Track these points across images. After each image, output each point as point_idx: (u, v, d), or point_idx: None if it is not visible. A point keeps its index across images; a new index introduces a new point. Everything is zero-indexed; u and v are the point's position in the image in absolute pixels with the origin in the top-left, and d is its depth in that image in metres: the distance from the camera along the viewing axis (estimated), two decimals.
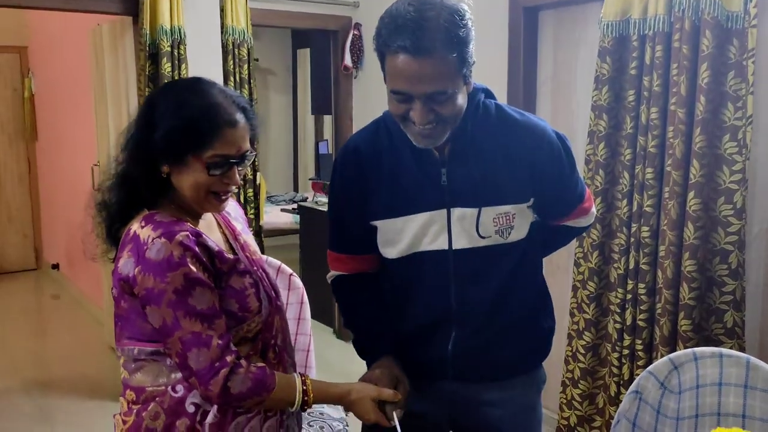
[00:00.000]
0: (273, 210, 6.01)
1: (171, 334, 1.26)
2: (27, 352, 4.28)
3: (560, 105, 2.97)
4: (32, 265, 6.22)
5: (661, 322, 2.32)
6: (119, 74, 3.65)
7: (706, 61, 2.15)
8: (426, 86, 1.30)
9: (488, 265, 1.47)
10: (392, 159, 1.47)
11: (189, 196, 1.33)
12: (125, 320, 1.34)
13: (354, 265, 1.58)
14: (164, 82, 1.34)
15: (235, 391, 1.27)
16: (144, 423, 1.32)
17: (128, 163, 1.34)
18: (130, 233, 1.30)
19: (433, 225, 1.45)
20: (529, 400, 1.60)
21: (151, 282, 1.24)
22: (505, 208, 1.44)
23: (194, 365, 1.26)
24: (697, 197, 2.20)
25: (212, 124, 1.28)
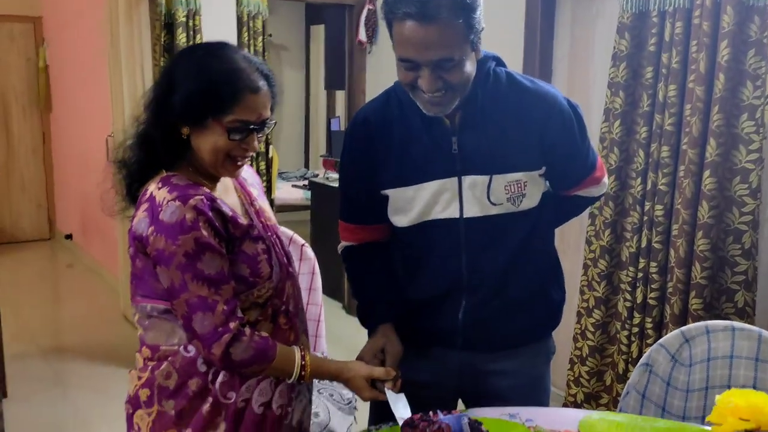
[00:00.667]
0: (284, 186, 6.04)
1: (178, 296, 1.28)
2: (42, 319, 4.34)
3: (576, 82, 2.95)
4: (46, 235, 6.28)
5: (672, 301, 2.32)
6: (134, 44, 3.65)
7: (727, 38, 2.12)
8: (433, 53, 1.30)
9: (499, 234, 1.47)
10: (403, 128, 1.47)
11: (207, 160, 1.33)
12: (139, 279, 1.36)
13: (364, 234, 1.59)
14: (189, 45, 1.32)
15: (237, 358, 1.29)
16: (157, 381, 1.35)
17: (149, 124, 1.35)
18: (147, 193, 1.32)
19: (444, 193, 1.45)
20: (538, 370, 1.61)
21: (162, 243, 1.26)
22: (517, 175, 1.44)
23: (198, 328, 1.28)
24: (712, 176, 2.19)
25: (234, 89, 1.29)
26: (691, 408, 1.55)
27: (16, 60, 5.99)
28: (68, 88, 5.57)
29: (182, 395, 1.34)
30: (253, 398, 1.38)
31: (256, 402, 1.38)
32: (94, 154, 4.63)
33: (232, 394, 1.36)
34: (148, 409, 1.36)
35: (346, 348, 2.10)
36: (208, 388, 1.35)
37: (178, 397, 1.34)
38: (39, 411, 3.13)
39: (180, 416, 1.35)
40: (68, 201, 5.87)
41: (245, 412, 1.37)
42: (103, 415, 3.08)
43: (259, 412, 1.38)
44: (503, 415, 1.41)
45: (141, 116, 1.37)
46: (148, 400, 1.36)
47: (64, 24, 5.43)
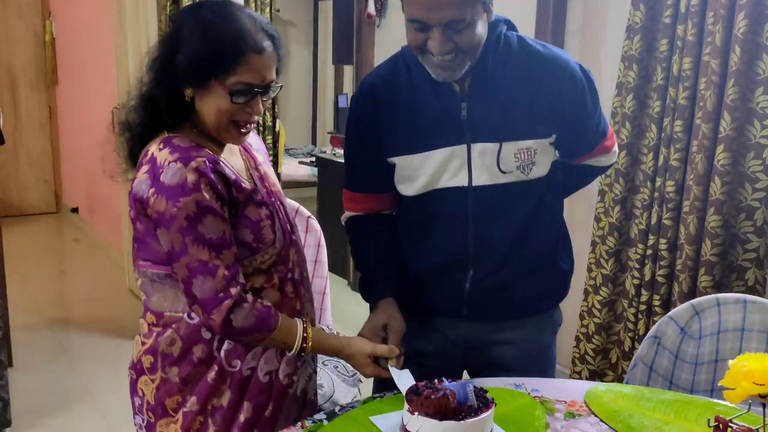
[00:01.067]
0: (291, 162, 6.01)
1: (178, 260, 1.25)
2: (49, 292, 4.36)
3: (588, 55, 2.90)
4: (52, 208, 6.28)
5: (681, 278, 2.29)
6: (140, 16, 3.61)
7: (744, 9, 2.07)
8: (444, 13, 1.27)
9: (508, 203, 1.45)
10: (410, 94, 1.44)
11: (211, 123, 1.30)
12: (141, 242, 1.33)
13: (369, 204, 1.56)
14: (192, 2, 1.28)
15: (238, 325, 1.26)
16: (160, 348, 1.33)
17: (151, 85, 1.32)
18: (148, 154, 1.29)
19: (453, 161, 1.42)
20: (544, 340, 1.59)
21: (163, 205, 1.23)
22: (527, 143, 1.41)
23: (198, 293, 1.25)
24: (726, 151, 2.15)
25: (237, 50, 1.25)
26: (699, 381, 1.53)
27: (23, 34, 5.96)
28: (74, 61, 5.54)
29: (186, 362, 1.33)
30: (259, 366, 1.36)
31: (262, 370, 1.36)
32: (100, 127, 4.60)
33: (237, 362, 1.34)
34: (151, 376, 1.35)
35: (350, 324, 2.09)
36: (213, 355, 1.33)
37: (183, 364, 1.33)
38: (44, 381, 3.14)
39: (184, 383, 1.33)
40: (74, 175, 5.87)
41: (251, 380, 1.35)
42: (107, 386, 3.10)
43: (264, 380, 1.36)
44: (508, 385, 1.40)
45: (144, 77, 1.34)
46: (151, 366, 1.35)
47: None
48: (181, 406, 1.34)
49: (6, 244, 3.03)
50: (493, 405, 1.19)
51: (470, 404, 1.17)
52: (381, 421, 1.26)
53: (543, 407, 1.32)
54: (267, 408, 1.37)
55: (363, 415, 1.29)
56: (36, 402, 2.93)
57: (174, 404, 1.34)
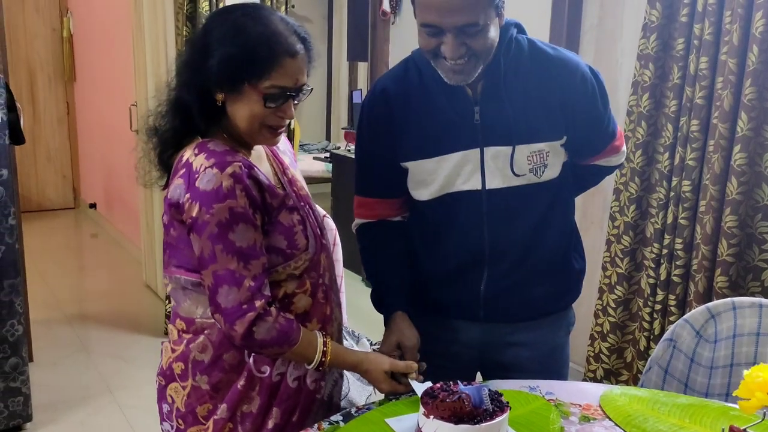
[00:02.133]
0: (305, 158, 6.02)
1: (206, 266, 1.24)
2: (68, 287, 4.41)
3: (604, 53, 2.88)
4: (71, 204, 6.35)
5: (697, 278, 2.29)
6: (157, 13, 3.63)
7: (762, 8, 2.06)
8: (457, 18, 1.27)
9: (521, 205, 1.46)
10: (423, 98, 1.44)
11: (243, 128, 1.29)
12: (174, 248, 1.33)
13: (381, 210, 1.56)
14: (221, 7, 1.27)
15: (259, 338, 1.25)
16: (192, 354, 1.33)
17: (182, 89, 1.31)
18: (183, 160, 1.28)
19: (467, 165, 1.43)
20: (558, 340, 1.60)
21: (196, 210, 1.22)
22: (540, 145, 1.42)
23: (222, 302, 1.24)
24: (743, 151, 2.13)
25: (271, 53, 1.23)
26: (714, 385, 1.53)
27: (42, 30, 6.01)
28: (92, 57, 5.59)
29: (217, 369, 1.32)
30: (288, 372, 1.35)
31: (291, 376, 1.36)
32: (117, 123, 4.65)
33: (266, 368, 1.33)
34: (182, 383, 1.35)
35: (365, 320, 2.10)
36: (243, 361, 1.32)
37: (213, 371, 1.32)
38: (63, 376, 3.19)
39: (215, 390, 1.33)
40: (92, 170, 5.93)
41: (280, 385, 1.35)
42: (125, 380, 3.14)
43: (293, 386, 1.36)
44: (523, 388, 1.41)
45: (172, 82, 1.33)
46: (182, 373, 1.34)
47: None
48: (212, 414, 1.34)
49: (25, 239, 3.07)
50: (508, 408, 1.21)
51: (485, 408, 1.18)
52: (396, 423, 1.28)
53: (558, 410, 1.33)
54: (295, 413, 1.37)
55: (379, 417, 1.30)
56: (56, 397, 2.98)
57: (205, 412, 1.34)
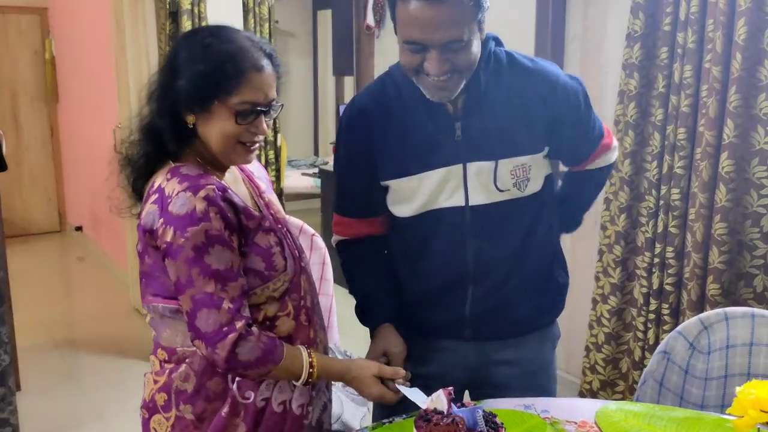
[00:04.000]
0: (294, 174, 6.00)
1: (183, 291, 1.22)
2: (55, 312, 4.36)
3: (589, 63, 2.89)
4: (56, 227, 6.30)
5: (689, 286, 2.28)
6: (139, 34, 3.62)
7: (744, 16, 2.06)
8: (442, 34, 1.25)
9: (505, 221, 1.44)
10: (402, 115, 1.42)
11: (216, 147, 1.28)
12: (149, 276, 1.31)
13: (361, 228, 1.54)
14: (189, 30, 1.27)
15: (243, 359, 1.22)
16: (174, 384, 1.30)
17: (152, 115, 1.30)
18: (155, 185, 1.27)
19: (450, 181, 1.41)
20: (544, 356, 1.58)
21: (170, 235, 1.20)
22: (522, 159, 1.40)
23: (202, 326, 1.21)
24: (730, 158, 2.13)
25: (238, 68, 1.23)
26: (709, 397, 1.52)
27: (23, 52, 5.98)
28: (75, 79, 5.56)
29: (201, 398, 1.30)
30: (273, 396, 1.33)
31: (276, 400, 1.33)
32: (101, 145, 4.62)
33: (250, 394, 1.31)
34: (166, 414, 1.32)
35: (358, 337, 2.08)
36: (227, 388, 1.30)
37: (197, 401, 1.30)
38: (52, 404, 3.13)
39: (200, 420, 1.30)
40: (77, 193, 5.88)
41: (265, 411, 1.33)
42: (116, 407, 3.09)
43: (278, 410, 1.34)
44: (518, 407, 1.39)
45: (144, 110, 1.33)
46: (165, 404, 1.32)
47: (69, 15, 5.41)
48: None
49: (11, 264, 3.03)
50: (502, 430, 1.18)
51: (480, 429, 1.16)
52: None
53: (553, 428, 1.31)
54: None
55: None
56: (45, 426, 2.93)
57: None
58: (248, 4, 3.46)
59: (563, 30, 2.93)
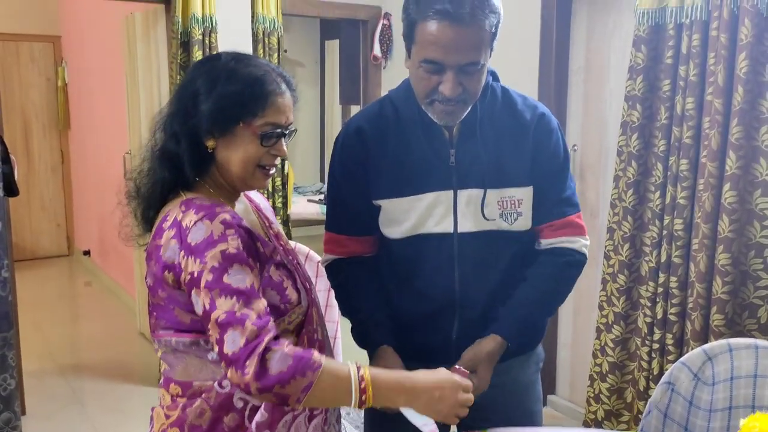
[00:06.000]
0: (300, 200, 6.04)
1: (209, 318, 1.15)
2: (61, 337, 4.37)
3: (592, 94, 2.93)
4: (64, 251, 6.33)
5: (693, 317, 2.28)
6: (151, 62, 3.69)
7: (745, 50, 2.10)
8: (461, 56, 1.29)
9: (491, 252, 1.46)
10: (399, 138, 1.45)
11: (237, 171, 1.27)
12: (162, 309, 1.27)
13: (352, 247, 1.54)
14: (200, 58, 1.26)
15: (275, 371, 1.11)
16: (188, 419, 1.26)
17: (170, 141, 1.28)
18: (170, 219, 1.24)
19: (439, 206, 1.43)
20: (528, 378, 1.59)
21: (192, 265, 1.17)
22: (510, 191, 1.43)
23: (229, 350, 1.13)
24: (732, 189, 2.15)
25: (264, 91, 1.24)
26: (714, 428, 1.51)
27: (36, 79, 6.08)
28: (86, 106, 5.64)
29: None
30: None
31: None
32: (111, 171, 4.67)
33: None
34: None
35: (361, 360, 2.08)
36: (244, 425, 1.26)
37: None
38: (57, 428, 3.13)
39: None
40: (86, 218, 5.92)
41: None
42: None
43: None
44: None
45: (157, 136, 1.32)
46: None
47: (83, 43, 5.51)
48: None
49: (18, 288, 3.05)
50: None
51: None
52: None
53: None
54: None
55: None
56: None
57: None
58: (258, 34, 3.52)
59: (567, 62, 2.98)
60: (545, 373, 2.97)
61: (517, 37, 3.00)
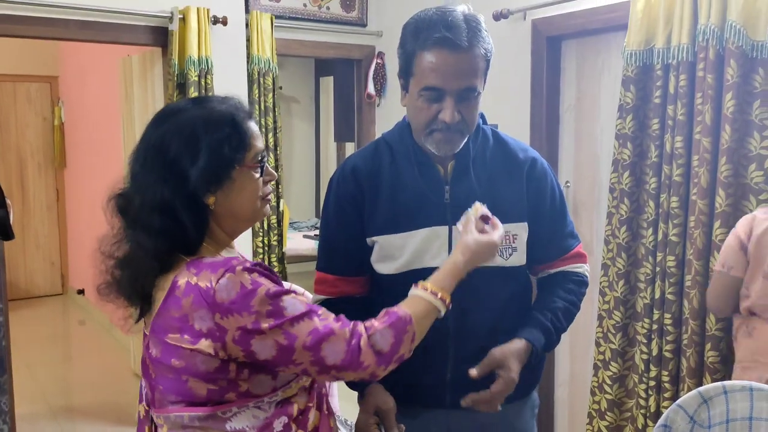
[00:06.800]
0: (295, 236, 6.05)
1: (293, 350, 1.13)
2: (54, 378, 4.33)
3: (583, 132, 2.97)
4: (58, 290, 6.30)
5: (688, 354, 2.28)
6: (147, 103, 3.73)
7: (731, 90, 2.14)
8: (460, 81, 1.35)
9: (488, 287, 1.47)
10: (394, 175, 1.48)
11: (245, 213, 1.24)
12: (171, 382, 1.18)
13: (343, 287, 1.54)
14: (154, 116, 1.26)
15: (387, 348, 1.18)
16: None
17: (154, 217, 1.17)
18: (181, 286, 1.15)
19: (435, 240, 1.45)
20: (524, 423, 1.58)
21: (239, 321, 1.12)
22: (506, 227, 1.44)
23: (336, 359, 1.14)
24: (723, 226, 2.17)
25: (242, 124, 1.22)
26: None
27: (32, 119, 6.13)
28: (83, 145, 5.68)
29: None
30: None
31: None
32: None
33: None
34: None
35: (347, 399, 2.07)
36: None
37: None
38: None
39: None
40: (81, 256, 5.91)
41: None
42: None
43: None
44: None
45: (143, 214, 1.19)
46: None
47: (80, 83, 5.57)
48: None
49: (12, 329, 3.02)
50: None
51: None
52: None
53: None
54: None
55: None
56: None
57: None
58: (253, 75, 3.56)
59: (558, 100, 3.02)
60: (543, 411, 2.95)
61: (508, 78, 3.05)
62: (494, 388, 1.38)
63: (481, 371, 1.39)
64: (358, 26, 3.94)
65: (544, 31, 2.95)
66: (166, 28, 3.24)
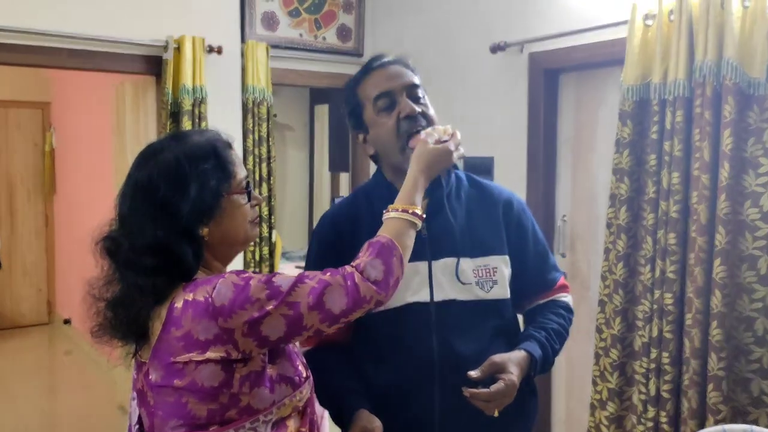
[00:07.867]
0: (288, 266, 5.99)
1: (301, 316, 1.17)
2: (38, 412, 4.22)
3: (580, 166, 2.95)
4: (44, 319, 6.19)
5: (689, 394, 2.23)
6: (140, 131, 3.70)
7: (729, 127, 2.13)
8: (403, 80, 1.53)
9: (471, 320, 1.48)
10: (372, 219, 1.49)
11: (239, 237, 1.29)
12: (171, 406, 1.18)
13: (326, 336, 1.48)
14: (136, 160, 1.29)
15: (381, 275, 1.23)
16: None
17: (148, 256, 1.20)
18: (178, 306, 1.18)
19: (416, 276, 1.48)
20: None
21: (244, 314, 1.15)
22: (485, 259, 1.51)
23: (340, 306, 1.20)
24: (723, 264, 2.14)
25: (225, 152, 1.28)
26: None
27: (22, 145, 6.08)
28: (74, 172, 5.63)
29: None
30: None
31: None
32: None
33: None
34: None
35: None
36: None
37: None
38: None
39: None
40: (68, 285, 5.82)
41: None
42: None
43: None
44: None
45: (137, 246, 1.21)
46: None
47: (72, 110, 5.54)
48: None
49: None
50: None
51: None
52: None
53: None
54: None
55: None
56: None
57: None
58: (248, 104, 3.54)
59: (555, 133, 3.01)
60: None
61: (505, 111, 3.03)
62: (494, 388, 1.38)
63: (481, 374, 1.40)
64: (354, 56, 3.95)
65: (542, 64, 2.94)
66: (160, 57, 3.22)
